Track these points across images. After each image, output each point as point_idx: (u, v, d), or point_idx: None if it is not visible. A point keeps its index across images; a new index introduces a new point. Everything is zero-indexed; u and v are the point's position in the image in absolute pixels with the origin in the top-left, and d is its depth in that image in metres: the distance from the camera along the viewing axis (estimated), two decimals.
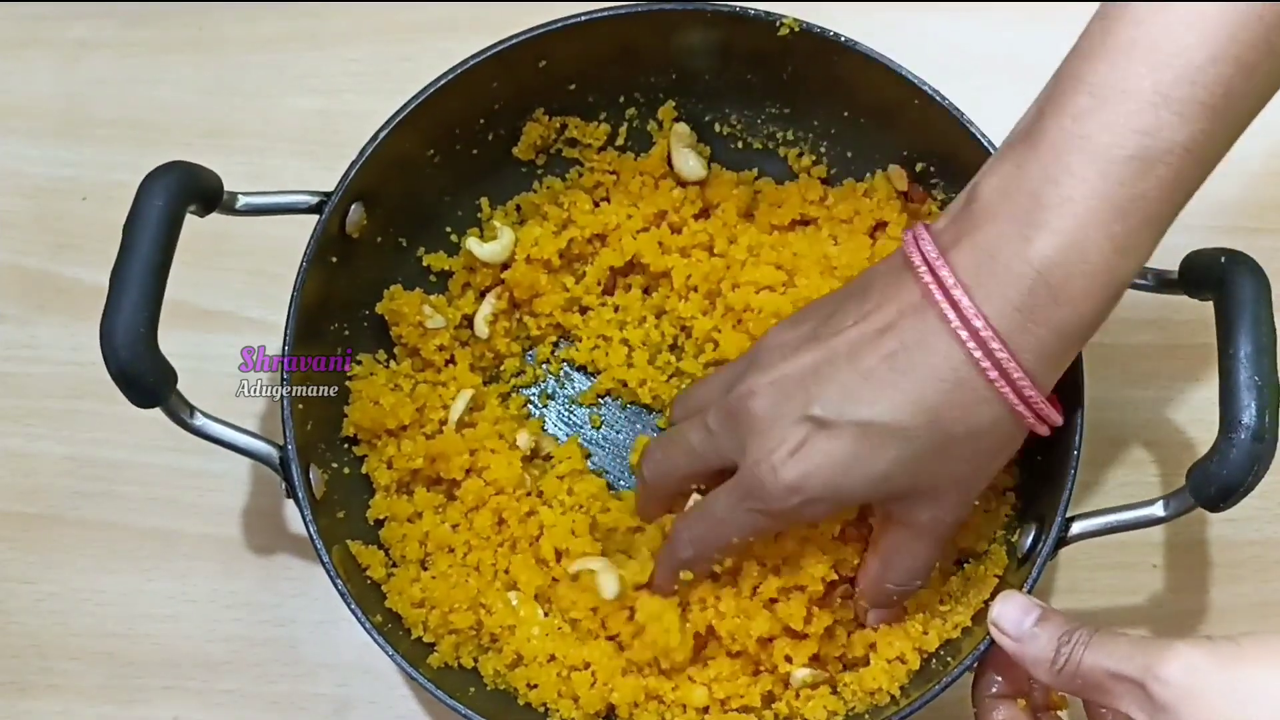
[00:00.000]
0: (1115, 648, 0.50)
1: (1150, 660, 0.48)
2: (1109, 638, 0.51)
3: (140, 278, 0.56)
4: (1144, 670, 0.48)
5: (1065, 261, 0.49)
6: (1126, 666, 0.49)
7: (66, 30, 0.79)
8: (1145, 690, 0.48)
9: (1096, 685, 0.50)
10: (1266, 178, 0.75)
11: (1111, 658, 0.50)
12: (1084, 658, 0.51)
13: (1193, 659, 0.47)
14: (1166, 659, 0.47)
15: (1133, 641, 0.50)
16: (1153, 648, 0.48)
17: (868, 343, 0.53)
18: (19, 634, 0.70)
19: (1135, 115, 0.48)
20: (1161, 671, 0.47)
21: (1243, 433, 0.54)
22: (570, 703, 0.64)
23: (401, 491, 0.68)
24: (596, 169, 0.72)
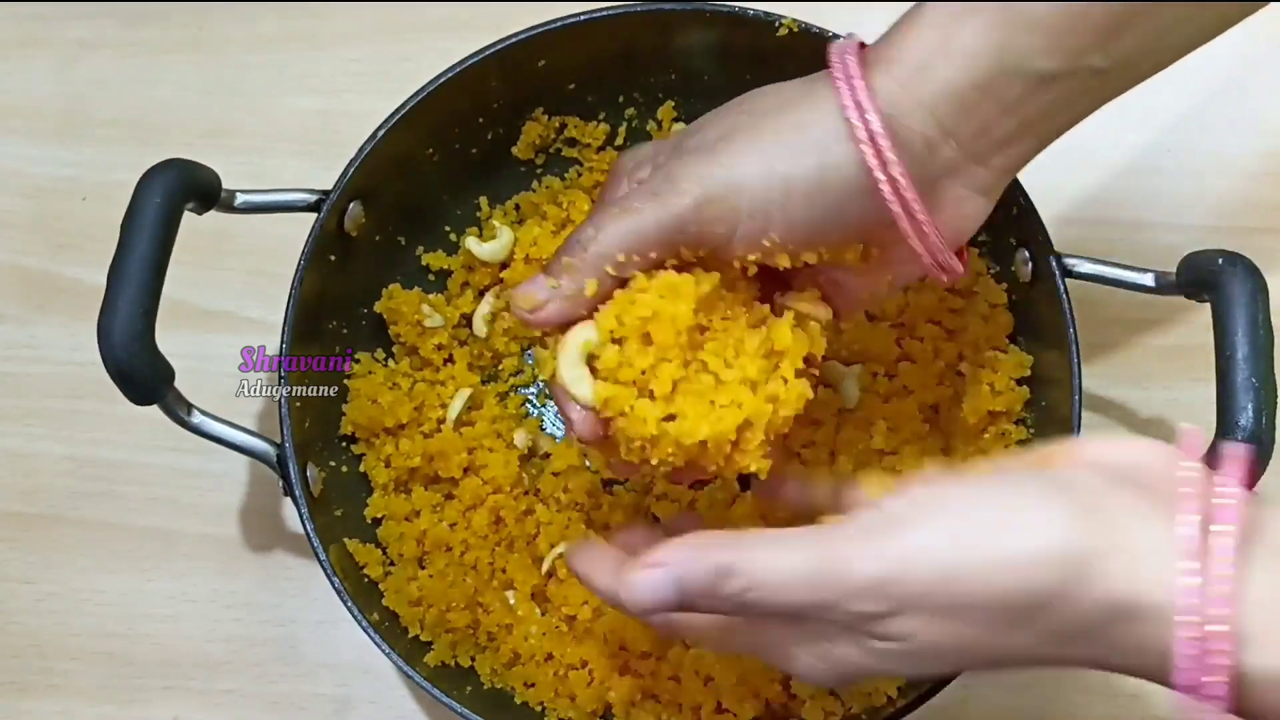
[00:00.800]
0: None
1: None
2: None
3: (138, 275, 0.56)
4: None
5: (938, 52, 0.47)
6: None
7: (66, 30, 0.80)
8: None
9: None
10: (1266, 178, 0.75)
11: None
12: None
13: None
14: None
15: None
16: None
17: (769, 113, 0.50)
18: (19, 634, 0.70)
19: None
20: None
21: (1240, 434, 0.54)
22: (567, 701, 0.64)
23: (399, 490, 0.68)
24: (595, 169, 0.72)
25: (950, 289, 0.68)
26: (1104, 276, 0.62)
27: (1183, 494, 0.40)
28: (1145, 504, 0.41)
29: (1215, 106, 0.77)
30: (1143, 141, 0.76)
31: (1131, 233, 0.74)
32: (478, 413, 0.69)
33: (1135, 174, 0.76)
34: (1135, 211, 0.75)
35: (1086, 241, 0.67)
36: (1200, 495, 0.40)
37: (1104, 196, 0.75)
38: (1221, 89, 0.77)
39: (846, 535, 0.42)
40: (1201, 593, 0.38)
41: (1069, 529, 0.40)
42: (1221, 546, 0.39)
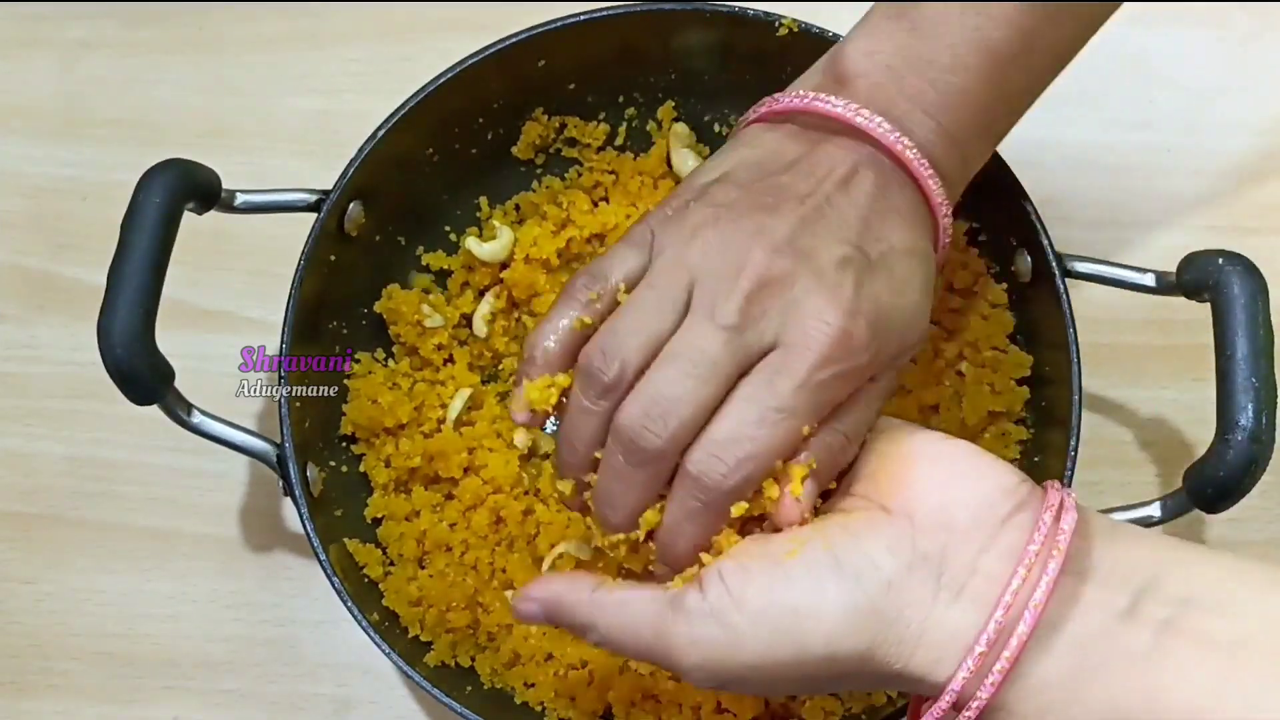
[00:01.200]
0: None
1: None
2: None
3: (138, 274, 0.56)
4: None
5: (962, 137, 0.52)
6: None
7: (66, 30, 0.80)
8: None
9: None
10: (1266, 178, 0.75)
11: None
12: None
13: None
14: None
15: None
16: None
17: (842, 192, 0.50)
18: (19, 634, 0.70)
19: (1016, 13, 0.51)
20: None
21: (1240, 434, 0.54)
22: (567, 702, 0.64)
23: (399, 490, 0.68)
24: (595, 169, 0.72)
25: (950, 289, 0.68)
26: (1104, 276, 0.62)
27: (976, 580, 0.45)
28: (932, 596, 0.45)
29: (1215, 106, 0.77)
30: (1143, 141, 0.76)
31: (1131, 233, 0.74)
32: (478, 413, 0.69)
33: (1135, 174, 0.76)
34: (1135, 211, 0.75)
35: (1086, 241, 0.67)
36: (996, 582, 0.44)
37: (1104, 196, 0.75)
38: (1221, 89, 0.77)
39: (676, 618, 0.46)
40: (963, 684, 0.44)
41: (860, 630, 0.44)
42: (1009, 644, 0.43)
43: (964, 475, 0.47)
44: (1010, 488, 0.46)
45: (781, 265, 0.48)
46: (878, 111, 0.51)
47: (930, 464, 0.47)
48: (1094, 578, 0.44)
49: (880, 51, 0.52)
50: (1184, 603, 0.43)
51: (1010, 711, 0.44)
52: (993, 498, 0.46)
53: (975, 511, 0.46)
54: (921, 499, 0.46)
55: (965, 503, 0.46)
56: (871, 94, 0.51)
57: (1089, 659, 0.43)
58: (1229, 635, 0.42)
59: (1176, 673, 0.42)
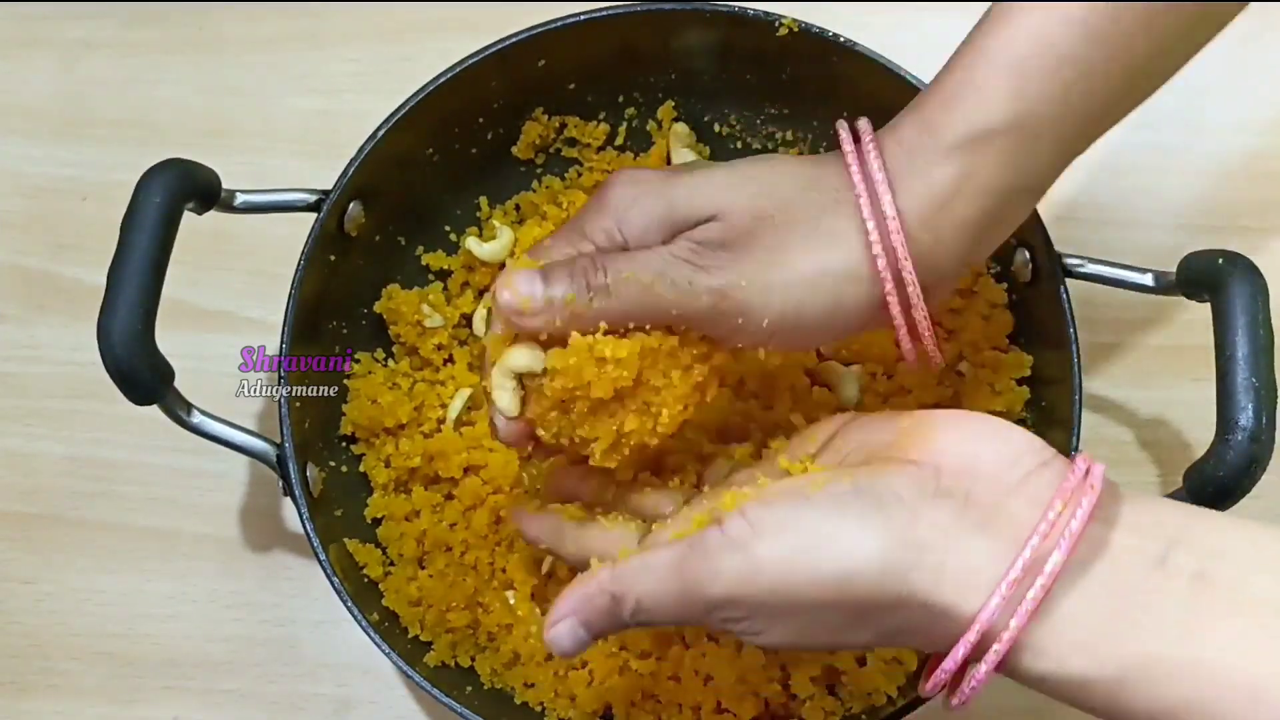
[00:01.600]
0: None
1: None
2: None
3: (137, 274, 0.56)
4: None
5: (968, 171, 0.51)
6: None
7: (66, 30, 0.80)
8: None
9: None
10: (1265, 178, 0.76)
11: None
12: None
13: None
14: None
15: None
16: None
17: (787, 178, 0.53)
18: (19, 634, 0.70)
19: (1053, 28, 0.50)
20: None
21: (1240, 434, 0.54)
22: (567, 702, 0.64)
23: (399, 490, 0.68)
24: (596, 168, 0.72)
25: None
26: (1104, 276, 0.63)
27: (1002, 519, 0.44)
28: (955, 523, 0.44)
29: (1214, 106, 0.77)
30: (1143, 141, 0.76)
31: (1131, 233, 0.74)
32: (478, 413, 0.69)
33: (1135, 174, 0.76)
34: (1135, 211, 0.75)
35: (1086, 241, 0.67)
36: (1023, 523, 0.44)
37: (1104, 196, 0.75)
38: (1220, 89, 0.77)
39: (697, 557, 0.46)
40: (993, 614, 0.43)
41: (882, 550, 0.44)
42: (1043, 571, 0.43)
43: (989, 435, 0.47)
44: (1036, 448, 0.46)
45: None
46: (905, 144, 0.52)
47: (955, 426, 0.48)
48: (1125, 527, 0.44)
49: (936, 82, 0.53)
50: (1216, 555, 0.43)
51: (1038, 651, 0.44)
52: (1019, 452, 0.46)
53: (1000, 463, 0.46)
54: (946, 451, 0.46)
55: (991, 454, 0.46)
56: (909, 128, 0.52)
57: (1121, 601, 0.43)
58: (1261, 588, 0.42)
59: (1209, 622, 0.42)
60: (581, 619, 0.49)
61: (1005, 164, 0.51)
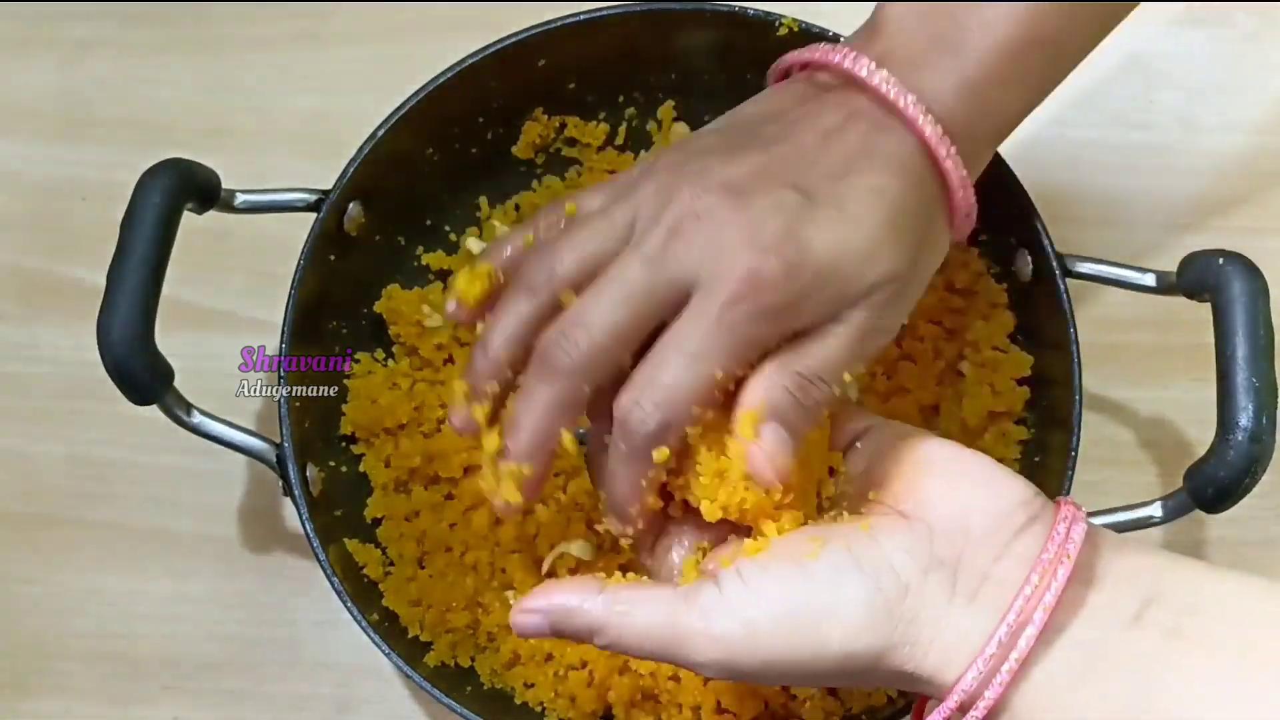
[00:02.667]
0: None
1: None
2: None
3: (137, 274, 0.56)
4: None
5: (984, 80, 0.51)
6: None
7: (66, 30, 0.79)
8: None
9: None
10: (1266, 178, 0.76)
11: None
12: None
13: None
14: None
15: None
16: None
17: (819, 142, 0.50)
18: (19, 634, 0.70)
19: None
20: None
21: (1240, 434, 0.54)
22: (567, 702, 0.64)
23: (399, 490, 0.68)
24: (596, 168, 0.72)
25: (950, 289, 0.68)
26: (1104, 276, 0.63)
27: (990, 586, 0.45)
28: (947, 599, 0.45)
29: (1214, 106, 0.77)
30: (1142, 141, 0.76)
31: (1131, 233, 0.74)
32: None
33: (1135, 174, 0.76)
34: (1135, 211, 0.75)
35: (1086, 241, 0.67)
36: (1010, 588, 0.45)
37: (1104, 196, 0.75)
38: (1221, 89, 0.77)
39: (690, 613, 0.46)
40: (973, 684, 0.44)
41: (879, 631, 0.45)
42: (1018, 646, 0.44)
43: (980, 485, 0.47)
44: (1025, 500, 0.47)
45: (708, 202, 0.48)
46: (899, 59, 0.50)
47: (946, 473, 0.48)
48: (1102, 586, 0.45)
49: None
50: (1190, 611, 0.43)
51: (1013, 711, 0.44)
52: (1008, 508, 0.46)
53: (991, 520, 0.46)
54: (938, 506, 0.47)
55: (982, 511, 0.46)
56: (899, 41, 0.51)
57: (1094, 661, 0.44)
58: (1234, 641, 0.43)
59: (1181, 675, 0.42)
60: (552, 623, 0.49)
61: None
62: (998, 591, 0.45)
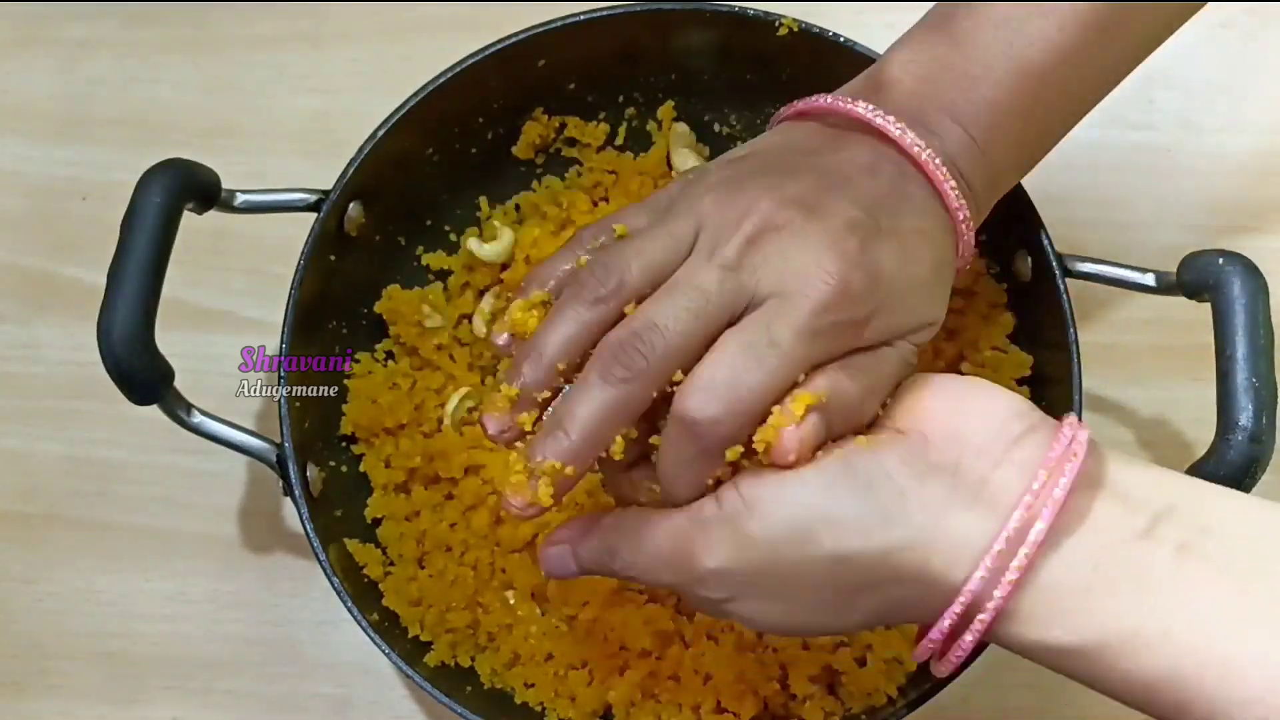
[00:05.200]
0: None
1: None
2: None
3: (137, 274, 0.56)
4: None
5: (988, 146, 0.52)
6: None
7: (66, 30, 0.80)
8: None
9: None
10: (1265, 178, 0.76)
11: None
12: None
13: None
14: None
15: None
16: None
17: (859, 175, 0.50)
18: (19, 634, 0.70)
19: (1053, 31, 0.51)
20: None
21: (1240, 434, 0.54)
22: (567, 702, 0.64)
23: (399, 490, 0.68)
24: (596, 168, 0.72)
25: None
26: (1104, 276, 0.63)
27: (990, 490, 0.45)
28: (945, 500, 0.45)
29: (1214, 106, 0.77)
30: (1143, 141, 0.76)
31: (1131, 233, 0.74)
32: (478, 412, 0.69)
33: (1135, 174, 0.76)
34: (1135, 211, 0.75)
35: (1086, 241, 0.67)
36: (1011, 493, 0.45)
37: (1104, 196, 0.75)
38: (1221, 89, 0.77)
39: (693, 528, 0.47)
40: (979, 585, 0.44)
41: (874, 530, 0.45)
42: (1026, 540, 0.44)
43: (976, 399, 0.48)
44: (1023, 411, 0.47)
45: (786, 215, 0.48)
46: (908, 118, 0.51)
47: (942, 391, 0.48)
48: (1111, 498, 0.45)
49: (918, 61, 0.53)
50: (1202, 529, 0.43)
51: (1022, 619, 0.44)
52: (1005, 418, 0.46)
53: (988, 429, 0.46)
54: (934, 419, 0.47)
55: (978, 422, 0.46)
56: (905, 101, 0.52)
57: (1103, 571, 0.43)
58: (1246, 561, 0.43)
59: (1190, 595, 0.42)
60: (574, 551, 0.51)
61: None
62: (999, 495, 0.45)
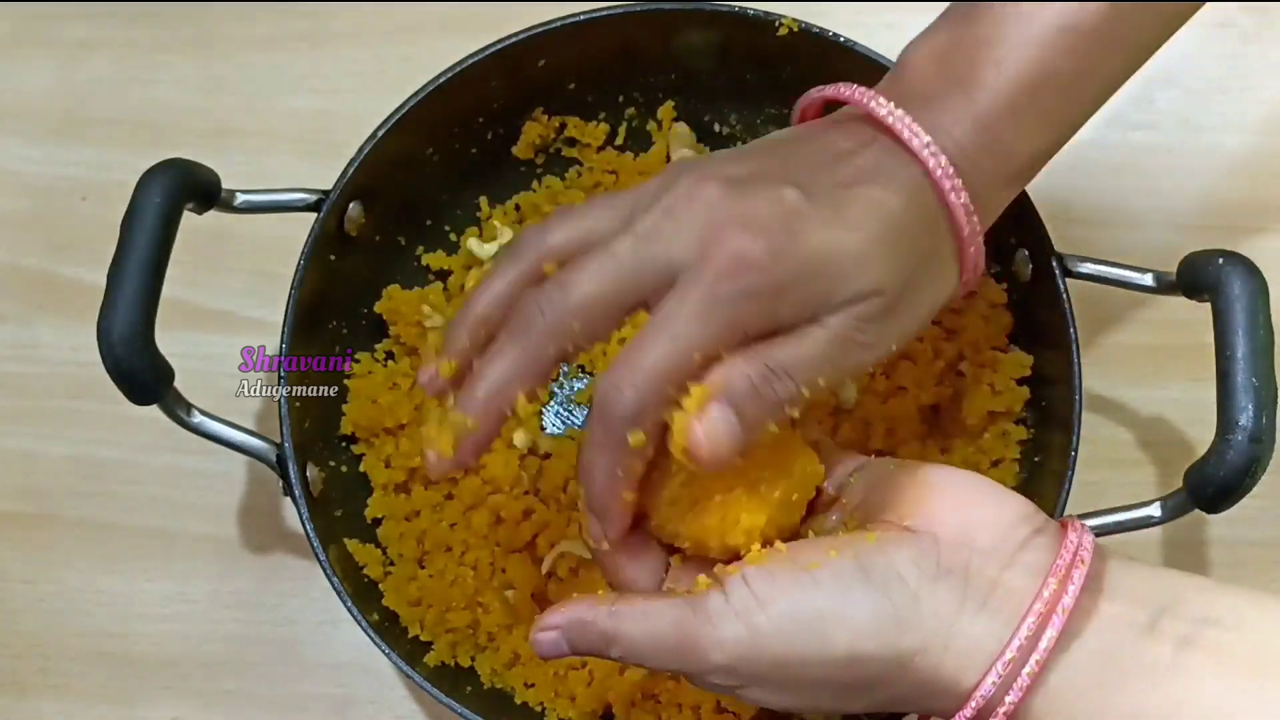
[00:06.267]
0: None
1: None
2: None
3: (137, 274, 0.56)
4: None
5: (997, 119, 0.51)
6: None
7: (66, 30, 0.80)
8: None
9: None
10: (1266, 178, 0.75)
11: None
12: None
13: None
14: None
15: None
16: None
17: (830, 160, 0.50)
18: (19, 634, 0.70)
19: (1071, 4, 0.51)
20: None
21: (1240, 434, 0.54)
22: (567, 702, 0.64)
23: (399, 490, 0.68)
24: (596, 169, 0.72)
25: None
26: (1104, 276, 0.63)
27: (1000, 594, 0.45)
28: (958, 605, 0.45)
29: (1214, 106, 0.77)
30: (1143, 141, 0.76)
31: (1131, 233, 0.74)
32: None
33: (1135, 174, 0.76)
34: (1135, 211, 0.75)
35: (1086, 241, 0.67)
36: (1020, 597, 0.45)
37: (1104, 196, 0.75)
38: (1221, 89, 0.77)
39: (699, 620, 0.47)
40: (992, 690, 0.44)
41: (887, 634, 0.45)
42: (1038, 648, 0.44)
43: (983, 502, 0.48)
44: (1028, 514, 0.47)
45: (708, 190, 0.48)
46: (915, 97, 0.51)
47: (947, 490, 0.48)
48: (1114, 597, 0.45)
49: (933, 43, 0.53)
50: (1203, 622, 0.44)
51: (1032, 718, 0.45)
52: (1012, 522, 0.47)
53: (996, 533, 0.46)
54: (943, 520, 0.47)
55: (986, 525, 0.47)
56: (914, 81, 0.52)
57: (1111, 670, 0.44)
58: (1247, 652, 0.43)
59: (1196, 685, 0.43)
60: (568, 638, 0.49)
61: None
62: (1009, 599, 0.45)
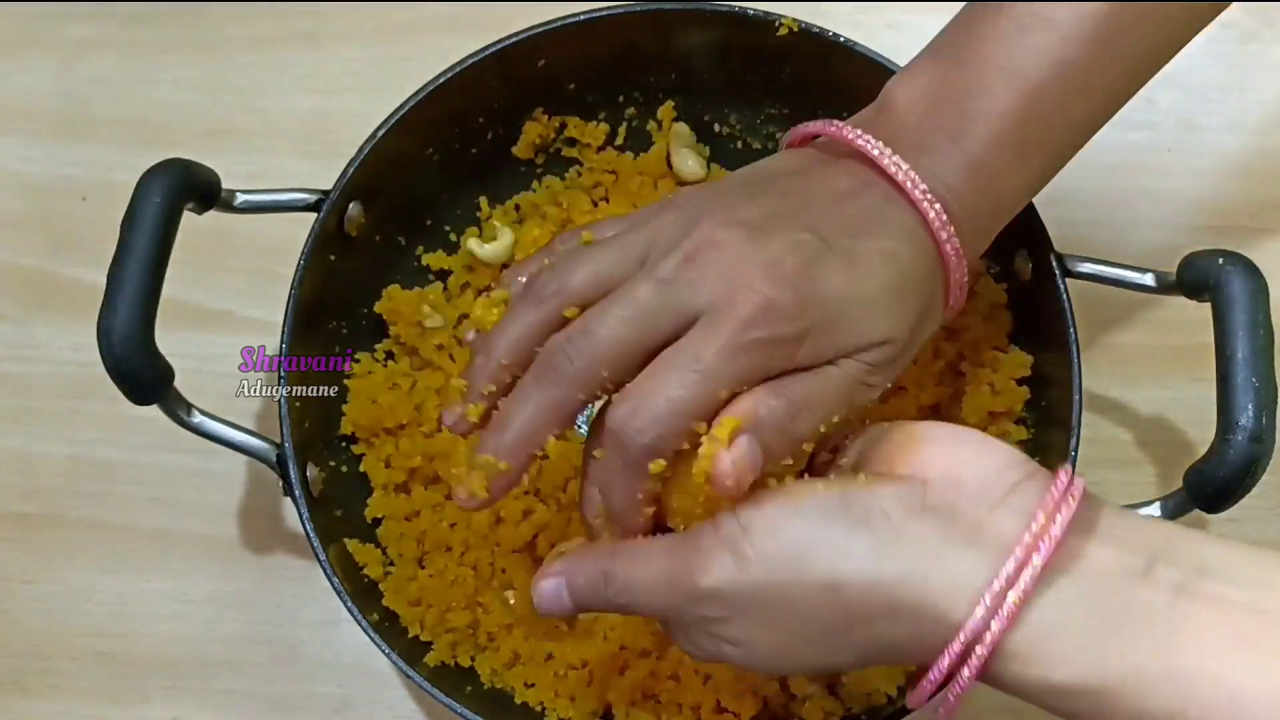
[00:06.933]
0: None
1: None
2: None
3: (137, 274, 0.56)
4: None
5: (986, 163, 0.52)
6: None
7: (66, 30, 0.80)
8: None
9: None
10: (1266, 178, 0.76)
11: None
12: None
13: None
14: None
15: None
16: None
17: (833, 201, 0.52)
18: (19, 634, 0.70)
19: (1054, 45, 0.52)
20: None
21: (1240, 434, 0.54)
22: (567, 702, 0.64)
23: (399, 490, 0.68)
24: (596, 168, 0.72)
25: None
26: (1104, 276, 0.63)
27: (987, 532, 0.45)
28: (942, 538, 0.45)
29: (1214, 106, 0.77)
30: (1143, 141, 0.76)
31: (1131, 233, 0.74)
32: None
33: (1135, 174, 0.76)
34: (1135, 211, 0.75)
35: (1086, 241, 0.67)
36: (1007, 536, 0.45)
37: (1104, 196, 0.75)
38: (1221, 89, 0.77)
39: (690, 550, 0.48)
40: (979, 623, 0.44)
41: (868, 562, 0.45)
42: (1022, 579, 0.44)
43: (973, 447, 0.48)
44: (1018, 460, 0.47)
45: (729, 234, 0.49)
46: (906, 140, 0.52)
47: (939, 439, 0.49)
48: (1107, 543, 0.45)
49: (921, 83, 0.53)
50: (1198, 571, 0.44)
51: (1024, 660, 0.44)
52: (1002, 466, 0.47)
53: (985, 476, 0.46)
54: (931, 466, 0.47)
55: (975, 468, 0.47)
56: (904, 123, 0.53)
57: (1104, 612, 0.44)
58: (1243, 602, 0.43)
59: (1192, 633, 0.43)
60: (569, 583, 0.50)
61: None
62: (996, 537, 0.45)
